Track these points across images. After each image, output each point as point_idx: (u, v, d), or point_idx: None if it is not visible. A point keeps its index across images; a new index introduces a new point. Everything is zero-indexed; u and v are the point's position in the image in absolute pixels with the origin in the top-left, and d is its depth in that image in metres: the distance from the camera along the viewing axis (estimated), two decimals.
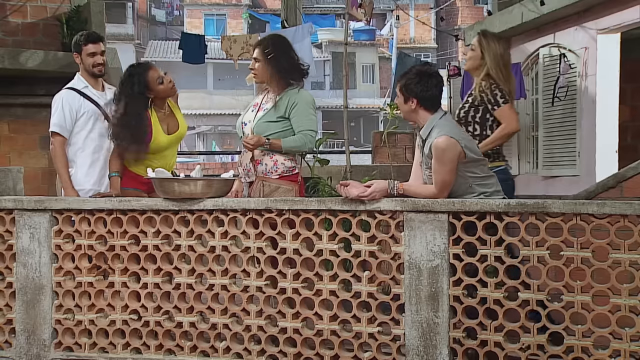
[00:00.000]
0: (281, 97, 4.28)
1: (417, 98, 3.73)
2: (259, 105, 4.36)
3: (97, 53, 4.66)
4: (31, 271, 4.11)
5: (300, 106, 4.24)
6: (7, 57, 7.15)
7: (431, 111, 3.75)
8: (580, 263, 3.44)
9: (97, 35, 4.84)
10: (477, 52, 4.44)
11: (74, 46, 4.72)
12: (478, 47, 4.45)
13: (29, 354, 4.11)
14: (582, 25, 7.02)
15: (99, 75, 4.73)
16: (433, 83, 3.75)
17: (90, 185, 4.57)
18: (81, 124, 4.60)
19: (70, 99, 4.60)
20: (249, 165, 4.27)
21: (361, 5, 7.25)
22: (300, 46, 7.53)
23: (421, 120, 3.78)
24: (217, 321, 3.92)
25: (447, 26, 31.49)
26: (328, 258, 3.77)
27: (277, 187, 4.19)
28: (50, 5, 7.80)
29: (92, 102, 4.63)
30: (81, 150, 4.61)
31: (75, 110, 4.58)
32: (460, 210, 3.57)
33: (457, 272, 3.59)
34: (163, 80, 4.44)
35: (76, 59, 4.73)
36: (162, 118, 4.51)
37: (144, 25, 38.02)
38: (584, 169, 7.00)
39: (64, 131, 4.57)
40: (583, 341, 3.44)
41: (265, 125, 4.23)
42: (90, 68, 4.66)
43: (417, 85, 3.72)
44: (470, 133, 4.37)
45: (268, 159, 4.24)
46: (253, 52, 4.37)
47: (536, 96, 7.79)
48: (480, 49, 4.44)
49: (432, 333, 3.61)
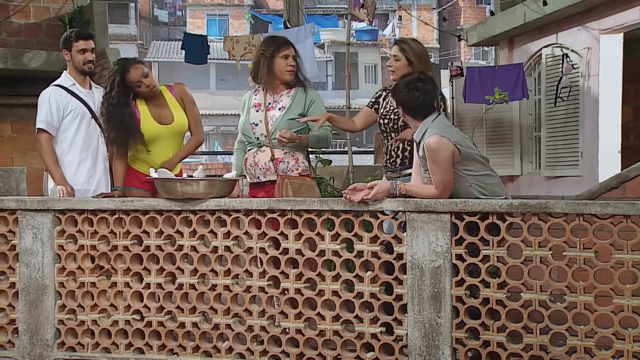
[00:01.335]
0: (295, 95, 4.32)
1: (409, 108, 3.79)
2: (264, 104, 4.36)
3: (87, 50, 4.62)
4: (34, 271, 4.11)
5: (318, 103, 4.35)
6: (10, 58, 7.17)
7: (424, 118, 3.78)
8: (583, 263, 3.43)
9: (87, 32, 4.81)
10: (402, 60, 4.34)
11: (64, 43, 4.67)
12: (402, 55, 4.35)
13: (32, 354, 4.12)
14: (584, 26, 7.02)
15: (88, 73, 4.69)
16: (425, 90, 3.77)
17: (79, 185, 4.52)
18: (68, 122, 4.56)
19: (57, 96, 4.56)
20: (268, 164, 4.28)
21: (364, 6, 7.25)
22: (303, 46, 7.53)
23: (415, 126, 3.82)
24: (219, 321, 3.92)
25: (450, 26, 31.48)
26: (330, 258, 3.77)
27: (302, 183, 4.20)
28: (53, 6, 7.82)
29: (79, 100, 4.59)
30: (68, 149, 4.56)
31: (62, 107, 4.54)
32: (463, 211, 3.57)
33: (460, 272, 3.59)
34: (141, 84, 4.38)
35: (65, 56, 4.68)
36: (152, 107, 4.47)
37: (146, 26, 38.05)
38: (586, 169, 6.99)
39: (51, 128, 4.53)
40: (586, 342, 3.44)
41: (287, 124, 4.24)
42: (80, 65, 4.61)
43: (406, 96, 3.78)
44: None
45: (290, 157, 4.26)
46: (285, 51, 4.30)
47: (539, 96, 7.78)
48: (405, 56, 4.34)
49: (434, 333, 3.61)
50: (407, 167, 4.23)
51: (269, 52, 4.30)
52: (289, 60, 4.30)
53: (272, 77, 4.32)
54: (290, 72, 4.32)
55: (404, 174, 4.22)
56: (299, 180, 4.21)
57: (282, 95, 4.34)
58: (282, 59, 4.29)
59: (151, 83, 4.41)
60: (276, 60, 4.29)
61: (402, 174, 4.24)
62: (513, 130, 7.95)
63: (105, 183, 4.65)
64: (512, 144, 7.96)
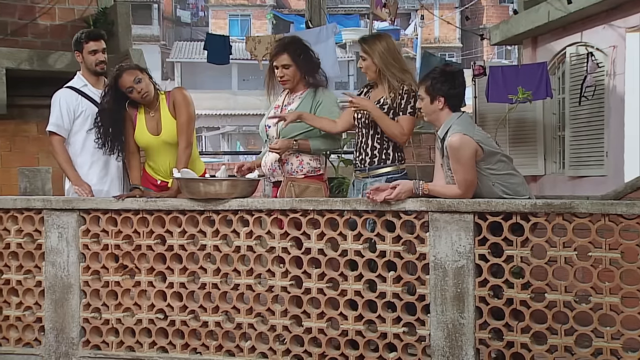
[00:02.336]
0: (305, 97, 4.31)
1: (445, 96, 3.72)
2: (281, 106, 4.37)
3: (98, 50, 4.60)
4: (59, 270, 4.16)
5: (326, 105, 4.28)
6: (36, 59, 7.25)
7: (455, 110, 3.75)
8: (608, 264, 3.39)
9: (98, 32, 4.77)
10: (368, 60, 4.17)
11: (75, 45, 4.65)
12: (367, 56, 4.17)
13: (58, 351, 4.16)
14: (610, 24, 6.94)
15: (101, 73, 4.67)
16: (459, 82, 3.76)
17: (92, 186, 4.53)
18: (79, 124, 4.57)
19: (67, 98, 4.58)
20: (275, 165, 4.29)
21: (385, 5, 7.25)
22: (325, 46, 7.54)
23: (442, 121, 3.76)
24: (242, 321, 3.94)
25: (472, 25, 31.29)
26: (353, 258, 3.77)
27: (307, 186, 4.21)
28: (78, 8, 7.90)
29: (91, 102, 4.59)
30: (80, 150, 4.58)
31: (72, 109, 4.55)
32: (486, 211, 3.55)
33: (483, 272, 3.57)
34: (133, 89, 4.38)
35: (77, 58, 4.67)
36: (149, 118, 4.49)
37: (169, 26, 38.32)
38: (612, 168, 6.91)
39: (62, 130, 4.56)
40: (612, 343, 3.40)
41: (291, 126, 4.24)
42: (93, 66, 4.61)
43: (444, 84, 3.72)
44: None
45: (294, 158, 4.27)
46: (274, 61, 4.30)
47: (562, 95, 7.71)
48: (369, 56, 4.15)
49: (457, 334, 3.59)
50: (377, 168, 4.13)
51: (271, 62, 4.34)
52: (278, 71, 4.30)
53: (273, 84, 4.37)
54: (282, 82, 4.33)
55: (373, 175, 4.13)
56: (305, 183, 4.21)
57: (296, 96, 4.36)
58: (275, 68, 4.32)
59: (142, 89, 4.38)
60: (273, 70, 4.33)
61: (370, 174, 4.14)
62: (536, 129, 7.89)
63: (119, 183, 4.66)
64: (535, 143, 7.89)
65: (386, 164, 4.14)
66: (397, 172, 4.13)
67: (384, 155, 4.15)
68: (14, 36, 7.70)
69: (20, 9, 7.78)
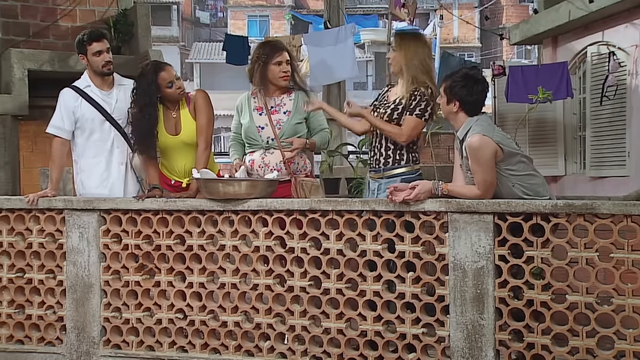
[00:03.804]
0: (297, 100, 4.37)
1: (460, 101, 3.71)
2: (267, 108, 4.36)
3: (103, 51, 4.47)
4: (80, 270, 4.20)
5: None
6: (57, 60, 7.33)
7: (472, 115, 3.73)
8: (631, 265, 3.36)
9: (99, 32, 4.66)
10: (396, 54, 4.16)
11: (78, 48, 4.54)
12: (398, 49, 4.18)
13: (79, 350, 4.20)
14: (632, 23, 6.85)
15: (108, 74, 4.55)
16: (479, 89, 3.72)
17: (93, 189, 4.51)
18: (80, 127, 4.52)
19: (66, 99, 4.52)
20: (279, 165, 4.32)
21: (404, 5, 7.23)
22: (343, 46, 7.54)
23: (459, 123, 3.75)
24: (261, 321, 3.95)
25: (492, 25, 31.08)
26: (372, 259, 3.76)
27: (312, 184, 4.31)
28: (99, 9, 7.97)
29: (91, 104, 4.50)
30: (82, 153, 4.56)
31: (71, 110, 4.49)
32: (506, 211, 3.52)
33: (503, 273, 3.55)
34: (172, 85, 4.37)
35: (83, 61, 4.56)
36: (168, 118, 4.45)
37: (188, 27, 38.53)
38: (633, 169, 6.83)
39: (61, 132, 4.51)
40: (635, 345, 3.36)
41: (294, 128, 4.33)
42: (100, 68, 4.49)
43: (462, 88, 3.70)
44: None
45: (299, 158, 4.38)
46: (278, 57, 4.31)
47: (583, 95, 7.63)
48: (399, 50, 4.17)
49: (477, 335, 3.57)
50: (391, 168, 4.14)
51: (262, 59, 4.32)
52: (282, 67, 4.31)
53: (266, 83, 4.36)
54: (284, 78, 4.34)
55: (387, 175, 4.13)
56: (309, 181, 4.31)
57: (284, 98, 4.40)
58: (276, 65, 4.31)
59: (181, 85, 4.43)
60: (270, 67, 4.31)
61: (385, 175, 4.15)
62: (557, 129, 7.82)
63: (122, 185, 4.56)
64: (555, 143, 7.82)
65: (400, 165, 4.14)
66: (411, 173, 4.13)
67: (398, 155, 4.15)
68: (36, 38, 7.80)
69: (42, 11, 7.88)
